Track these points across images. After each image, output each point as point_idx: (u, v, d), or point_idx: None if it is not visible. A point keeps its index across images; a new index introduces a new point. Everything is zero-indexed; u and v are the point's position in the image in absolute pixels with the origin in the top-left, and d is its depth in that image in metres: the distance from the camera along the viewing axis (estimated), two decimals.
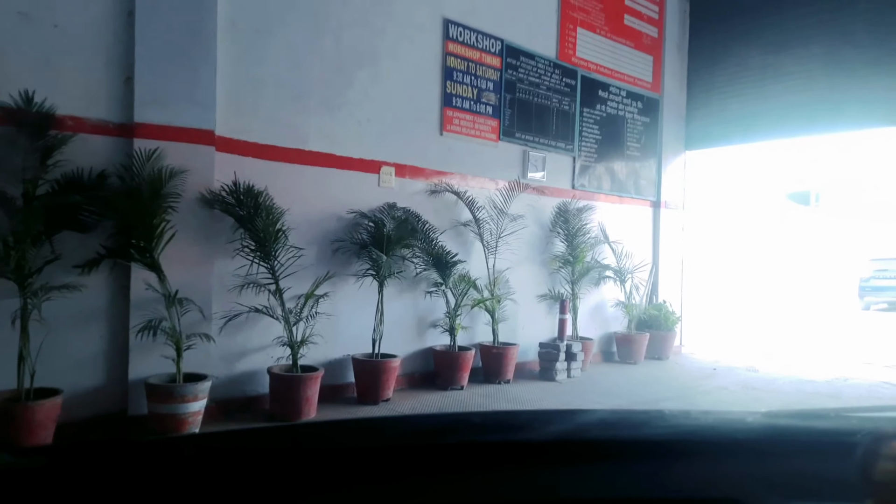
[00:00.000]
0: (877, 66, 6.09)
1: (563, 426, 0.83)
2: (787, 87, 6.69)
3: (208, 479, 0.63)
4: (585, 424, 0.84)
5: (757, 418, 0.83)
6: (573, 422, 0.86)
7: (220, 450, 0.73)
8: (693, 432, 0.81)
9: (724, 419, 0.90)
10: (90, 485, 0.60)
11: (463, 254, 5.45)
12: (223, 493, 0.62)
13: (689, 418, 0.90)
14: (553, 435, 0.77)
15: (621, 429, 0.82)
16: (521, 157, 5.99)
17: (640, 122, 7.15)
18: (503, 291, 5.73)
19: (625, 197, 7.10)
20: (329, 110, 4.67)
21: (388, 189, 4.98)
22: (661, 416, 0.89)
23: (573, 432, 0.79)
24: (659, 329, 6.94)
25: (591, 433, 0.79)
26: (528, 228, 5.99)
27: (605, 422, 0.87)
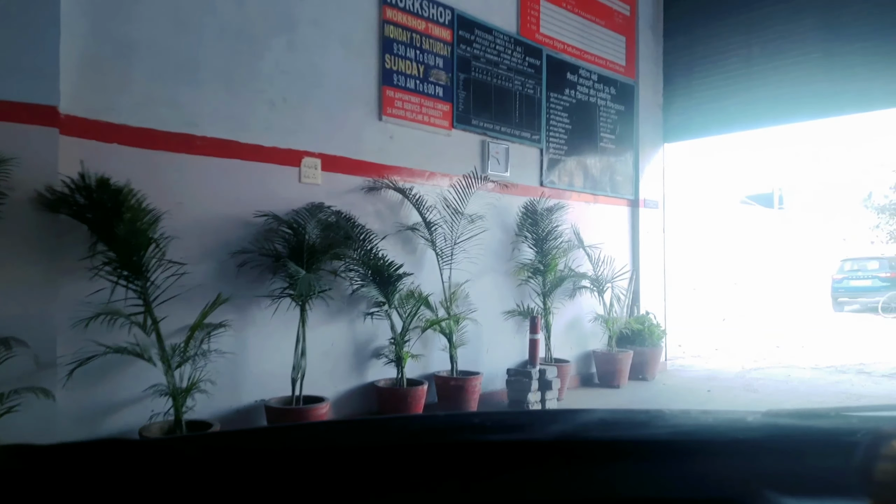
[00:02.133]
0: (874, 44, 5.36)
1: (563, 426, 0.82)
2: (776, 68, 5.92)
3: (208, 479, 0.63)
4: (585, 424, 0.82)
5: (757, 418, 0.79)
6: (573, 422, 0.85)
7: (220, 450, 0.73)
8: (693, 432, 0.79)
9: (724, 419, 0.86)
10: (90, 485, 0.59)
11: (411, 265, 4.46)
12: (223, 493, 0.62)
13: (689, 418, 0.86)
14: (553, 435, 0.77)
15: (621, 429, 0.81)
16: (480, 148, 5.04)
17: (613, 111, 6.30)
18: (462, 309, 4.76)
19: (599, 195, 6.22)
20: (230, 87, 3.64)
21: (311, 186, 3.96)
22: (661, 416, 0.85)
23: (573, 432, 0.78)
24: (643, 345, 6.05)
25: (591, 433, 0.78)
26: (490, 232, 5.04)
27: (605, 422, 0.83)
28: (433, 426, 0.88)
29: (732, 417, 0.86)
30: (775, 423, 0.81)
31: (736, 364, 7.84)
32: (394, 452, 0.69)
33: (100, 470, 0.61)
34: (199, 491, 0.61)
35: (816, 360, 8.22)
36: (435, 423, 0.95)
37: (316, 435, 0.83)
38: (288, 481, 0.63)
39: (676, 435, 0.77)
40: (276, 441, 0.76)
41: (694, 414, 0.87)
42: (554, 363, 5.24)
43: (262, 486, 0.62)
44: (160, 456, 0.67)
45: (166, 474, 0.63)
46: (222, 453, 0.70)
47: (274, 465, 0.64)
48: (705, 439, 0.75)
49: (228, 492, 0.62)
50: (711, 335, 11.03)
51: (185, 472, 0.63)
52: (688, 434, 0.78)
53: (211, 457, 0.68)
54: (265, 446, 0.74)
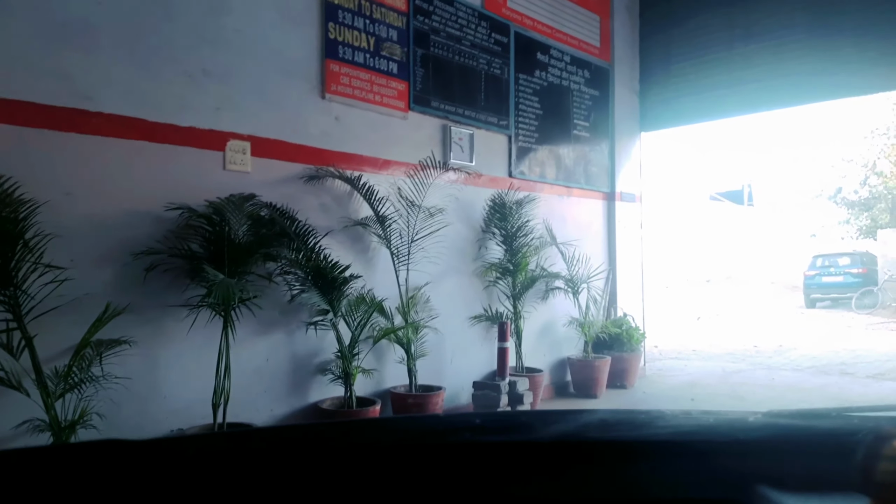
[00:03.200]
0: (864, 27, 4.98)
1: (564, 426, 0.82)
2: (761, 51, 5.50)
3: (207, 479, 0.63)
4: (585, 424, 0.83)
5: (758, 418, 0.80)
6: (573, 422, 0.85)
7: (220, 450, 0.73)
8: (693, 432, 0.80)
9: (724, 419, 0.87)
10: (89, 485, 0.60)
11: (362, 266, 3.90)
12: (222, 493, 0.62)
13: (689, 418, 0.87)
14: (553, 435, 0.77)
15: (621, 429, 0.82)
16: (441, 133, 4.50)
17: (587, 96, 5.81)
18: (422, 315, 4.21)
19: (573, 187, 5.73)
20: (135, 54, 3.02)
21: (239, 174, 3.37)
22: (662, 416, 0.86)
23: (573, 432, 0.79)
24: (621, 350, 5.58)
25: (591, 433, 0.79)
26: (453, 228, 4.49)
27: (605, 422, 0.85)
28: (433, 426, 0.88)
29: (733, 418, 0.85)
30: (775, 423, 0.80)
31: (716, 366, 7.49)
32: (394, 453, 0.69)
33: (99, 470, 0.61)
34: (198, 491, 0.61)
35: (796, 360, 7.93)
36: (435, 423, 0.98)
37: (316, 435, 0.82)
38: (287, 481, 0.63)
39: (677, 435, 0.77)
40: (275, 441, 0.77)
41: (694, 414, 0.85)
42: (525, 373, 4.73)
43: (262, 485, 0.62)
44: (160, 456, 0.68)
45: (166, 474, 0.63)
46: (221, 453, 0.71)
47: (273, 464, 0.64)
48: (705, 439, 0.75)
49: (228, 491, 0.62)
50: (687, 335, 10.71)
51: (185, 472, 0.63)
52: (688, 434, 0.78)
53: (210, 457, 0.69)
54: (264, 446, 0.74)
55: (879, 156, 16.39)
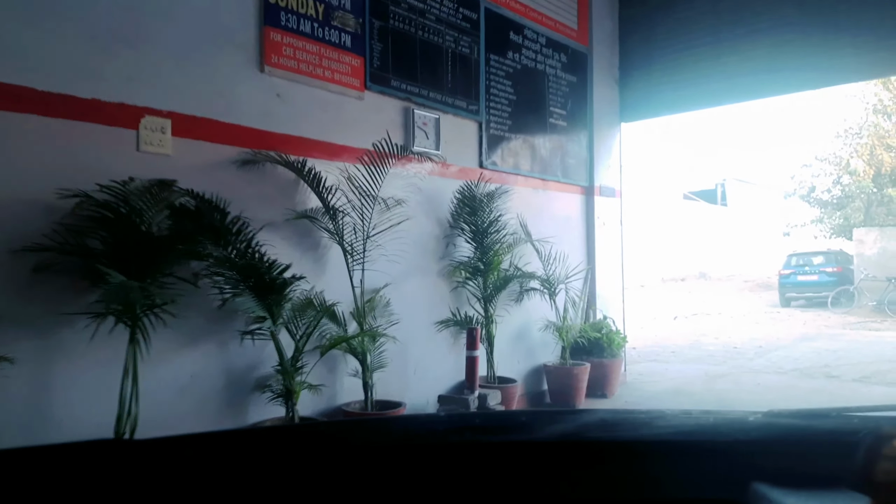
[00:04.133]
0: (857, 11, 4.64)
1: (564, 426, 0.82)
2: (749, 35, 5.13)
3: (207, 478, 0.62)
4: (585, 424, 0.83)
5: (758, 418, 0.79)
6: (573, 422, 0.85)
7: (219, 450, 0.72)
8: (693, 432, 0.79)
9: (724, 419, 0.86)
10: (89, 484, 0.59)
11: (310, 264, 3.41)
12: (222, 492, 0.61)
13: (689, 418, 0.86)
14: (553, 435, 0.76)
15: (621, 429, 0.81)
16: (403, 116, 4.02)
17: (564, 82, 5.39)
18: (381, 321, 3.72)
19: (550, 180, 5.30)
20: (24, 12, 2.48)
21: (157, 157, 2.84)
22: (662, 416, 0.86)
23: (573, 432, 0.78)
24: (601, 356, 5.17)
25: (591, 433, 0.78)
26: (416, 223, 4.02)
27: (605, 422, 0.85)
28: (434, 426, 0.87)
29: (733, 418, 0.84)
30: (776, 423, 0.79)
31: (698, 370, 7.18)
32: (394, 452, 0.69)
33: (99, 470, 0.61)
34: (198, 491, 0.61)
35: (778, 362, 7.65)
36: (435, 423, 0.99)
37: (316, 434, 0.85)
38: (287, 481, 0.62)
39: (677, 435, 0.76)
40: (276, 440, 0.76)
41: (695, 414, 0.85)
42: (497, 384, 4.28)
43: (262, 485, 0.61)
44: (159, 456, 0.67)
45: (165, 474, 0.62)
46: (221, 453, 0.70)
47: (273, 464, 0.63)
48: (706, 439, 0.74)
49: (228, 491, 0.61)
50: (665, 335, 10.42)
51: (184, 472, 0.63)
52: (688, 434, 0.77)
53: (210, 456, 0.69)
54: (264, 446, 0.73)
55: (852, 154, 16.38)
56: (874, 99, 16.37)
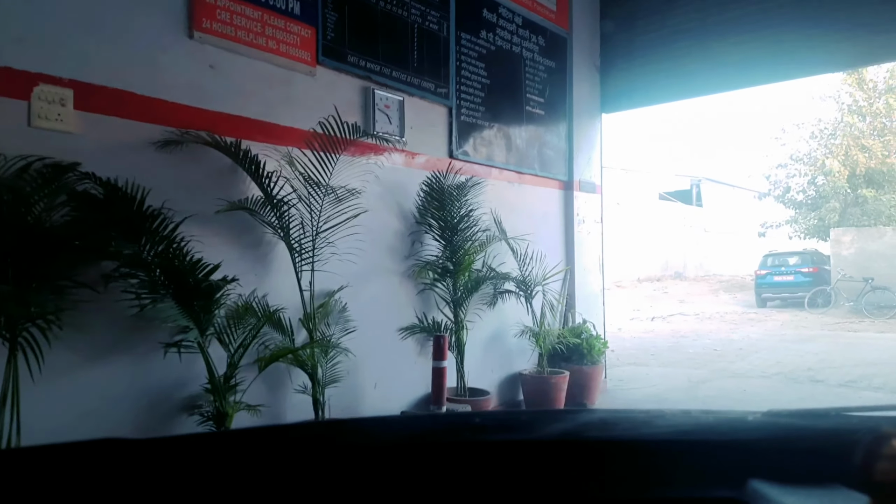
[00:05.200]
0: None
1: (563, 426, 0.82)
2: (740, 19, 4.79)
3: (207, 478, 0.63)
4: (585, 424, 0.83)
5: (757, 417, 0.79)
6: (573, 422, 0.85)
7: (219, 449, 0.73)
8: (693, 432, 0.79)
9: (724, 418, 0.86)
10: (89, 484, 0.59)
11: (249, 265, 2.94)
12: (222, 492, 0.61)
13: (689, 418, 0.86)
14: (553, 435, 0.76)
15: (621, 428, 0.81)
16: (362, 97, 3.57)
17: (542, 67, 4.99)
18: (335, 328, 3.27)
19: (526, 173, 4.90)
20: None
21: (55, 134, 2.35)
22: (662, 415, 0.86)
23: (573, 432, 0.78)
24: (581, 363, 4.78)
25: (591, 433, 0.78)
26: (378, 218, 3.58)
27: (605, 422, 0.85)
28: (434, 426, 0.87)
29: (732, 417, 0.85)
30: (776, 422, 0.79)
31: (679, 374, 6.88)
32: (394, 452, 0.68)
33: (99, 469, 0.61)
34: (198, 491, 0.61)
35: (761, 366, 7.39)
36: (435, 423, 0.97)
37: (316, 434, 0.82)
38: (287, 480, 0.62)
39: (677, 434, 0.77)
40: (276, 440, 0.76)
41: (694, 413, 0.84)
42: (468, 396, 3.86)
43: (262, 484, 0.61)
44: (159, 456, 0.67)
45: (166, 474, 0.62)
46: (220, 453, 0.70)
47: (273, 464, 0.64)
48: (705, 439, 0.74)
49: (228, 491, 0.61)
50: (643, 337, 10.15)
51: (185, 472, 0.63)
52: (688, 433, 0.77)
53: (209, 456, 0.68)
54: (265, 445, 0.73)
55: (827, 155, 16.36)
56: (849, 99, 16.39)
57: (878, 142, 15.76)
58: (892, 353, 8.16)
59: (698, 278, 23.69)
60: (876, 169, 15.65)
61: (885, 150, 15.64)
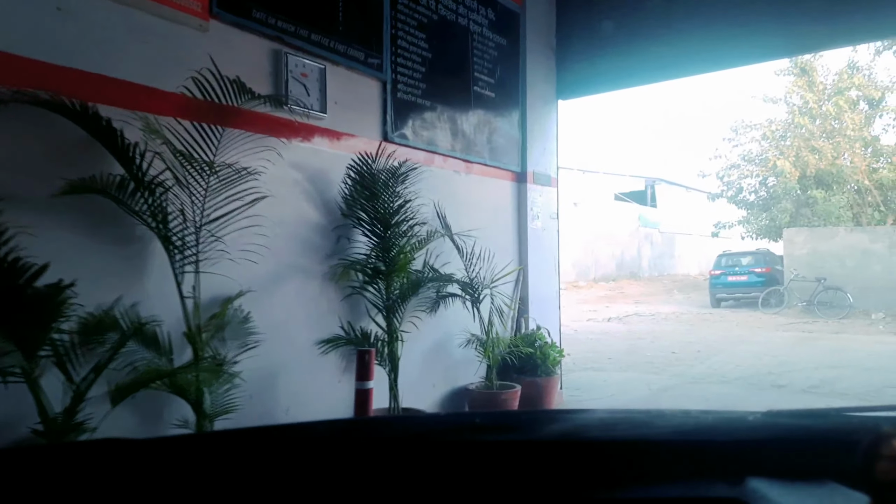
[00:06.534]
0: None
1: (563, 426, 0.81)
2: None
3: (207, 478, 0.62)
4: (585, 424, 0.82)
5: (757, 418, 0.79)
6: (573, 422, 0.85)
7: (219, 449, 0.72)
8: (693, 432, 0.78)
9: (724, 419, 0.86)
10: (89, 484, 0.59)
11: (112, 265, 2.30)
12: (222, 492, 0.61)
13: (689, 418, 0.86)
14: (553, 435, 0.76)
15: (621, 429, 0.80)
16: (271, 61, 2.95)
17: (492, 44, 4.46)
18: (233, 344, 2.65)
19: (474, 162, 4.36)
20: None
21: None
22: (661, 415, 0.87)
23: (573, 432, 0.78)
24: (535, 374, 4.28)
25: (591, 433, 0.78)
26: (291, 207, 2.99)
27: (605, 422, 0.84)
28: (433, 426, 0.86)
29: (732, 417, 0.84)
30: (775, 422, 0.78)
31: (638, 380, 6.52)
32: (394, 452, 0.68)
33: (99, 469, 0.60)
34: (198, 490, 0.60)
35: (720, 370, 7.10)
36: (435, 423, 0.96)
37: (315, 434, 0.81)
38: (287, 480, 0.61)
39: (676, 435, 0.76)
40: (276, 440, 0.75)
41: (694, 414, 0.85)
42: None
43: (262, 485, 0.61)
44: (159, 456, 0.66)
45: (165, 474, 0.61)
46: (221, 453, 0.69)
47: (273, 463, 0.63)
48: (705, 439, 0.74)
49: (227, 491, 0.61)
50: (599, 338, 9.80)
51: (184, 472, 0.62)
52: (688, 434, 0.77)
53: (209, 456, 0.67)
54: (264, 445, 0.72)
55: (778, 156, 16.46)
56: (800, 101, 16.53)
57: (827, 143, 15.93)
58: (850, 354, 8.01)
59: (653, 278, 23.77)
60: (826, 170, 15.81)
61: (835, 152, 15.82)
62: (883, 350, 8.36)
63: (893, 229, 13.45)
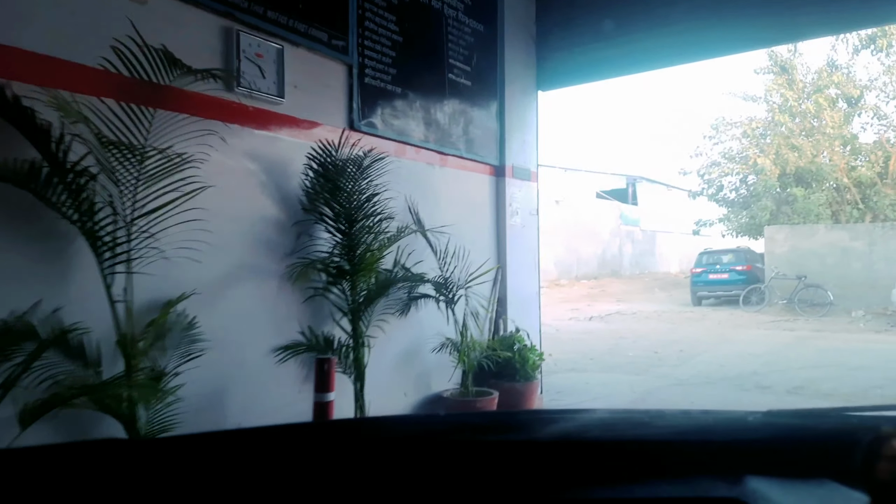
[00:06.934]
0: None
1: (563, 426, 0.81)
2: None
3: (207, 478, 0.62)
4: (585, 424, 0.82)
5: (757, 418, 0.78)
6: (573, 422, 0.84)
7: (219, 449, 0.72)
8: (693, 432, 0.79)
9: (724, 419, 0.86)
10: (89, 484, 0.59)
11: (29, 264, 2.01)
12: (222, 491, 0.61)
13: (689, 418, 0.86)
14: (553, 435, 0.76)
15: (621, 429, 0.81)
16: (223, 41, 2.67)
17: (469, 30, 4.21)
18: (176, 353, 2.37)
19: (449, 154, 4.11)
20: None
21: None
22: (661, 415, 0.86)
23: (573, 432, 0.77)
24: (514, 379, 4.05)
25: (591, 433, 0.78)
26: (245, 201, 2.71)
27: (604, 422, 0.84)
28: (433, 426, 0.85)
29: (732, 417, 0.84)
30: (775, 422, 0.78)
31: (621, 382, 6.35)
32: (394, 452, 0.68)
33: (99, 470, 0.60)
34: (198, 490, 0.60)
35: (704, 370, 6.95)
36: (435, 423, 0.96)
37: (316, 434, 0.81)
38: (286, 481, 0.61)
39: (676, 434, 0.76)
40: (275, 440, 0.75)
41: (694, 414, 0.85)
42: None
43: (262, 485, 0.60)
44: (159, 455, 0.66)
45: (165, 474, 0.61)
46: (221, 453, 0.69)
47: (272, 464, 0.63)
48: (705, 439, 0.74)
49: (227, 491, 0.60)
50: (581, 338, 9.62)
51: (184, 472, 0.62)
52: (688, 434, 0.77)
53: (210, 456, 0.67)
54: (264, 445, 0.72)
55: (759, 154, 16.46)
56: (780, 99, 16.54)
57: (807, 141, 15.96)
58: (833, 354, 7.92)
59: (634, 276, 23.73)
60: (805, 168, 15.83)
61: (815, 150, 15.84)
62: (865, 349, 8.29)
63: (873, 227, 13.47)
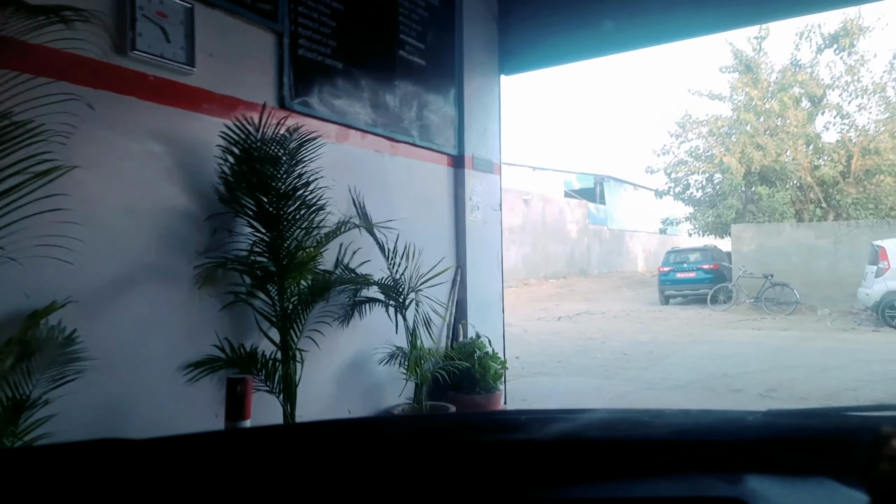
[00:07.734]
0: None
1: (563, 426, 0.80)
2: None
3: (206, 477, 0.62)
4: (585, 424, 0.81)
5: (757, 417, 0.77)
6: (573, 422, 0.83)
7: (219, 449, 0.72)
8: (692, 431, 0.78)
9: (724, 419, 0.85)
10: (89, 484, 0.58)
11: None
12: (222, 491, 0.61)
13: (689, 418, 0.84)
14: (553, 435, 0.75)
15: (621, 429, 0.80)
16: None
17: (423, 3, 3.79)
18: (49, 375, 1.89)
19: (401, 141, 3.68)
20: None
21: None
22: (661, 415, 0.84)
23: (573, 432, 0.77)
24: (473, 391, 3.64)
25: (591, 433, 0.77)
26: (145, 189, 2.23)
27: (605, 422, 0.83)
28: (434, 426, 0.86)
29: (732, 417, 0.85)
30: (775, 422, 0.79)
31: (590, 386, 6.06)
32: (393, 452, 0.68)
33: (99, 470, 0.60)
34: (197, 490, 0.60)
35: (674, 373, 6.69)
36: (435, 423, 0.97)
37: (316, 435, 0.81)
38: (286, 481, 0.61)
39: (676, 434, 0.77)
40: (276, 440, 0.75)
41: (694, 414, 0.85)
42: None
43: (261, 485, 0.60)
44: (159, 456, 0.67)
45: (165, 474, 0.61)
46: (221, 453, 0.69)
47: (272, 464, 0.63)
48: (705, 439, 0.74)
49: (227, 491, 0.61)
50: (550, 339, 9.31)
51: (184, 472, 0.62)
52: (687, 433, 0.77)
53: (209, 456, 0.68)
54: (264, 446, 0.72)
55: (724, 153, 16.46)
56: (744, 97, 16.56)
57: (771, 140, 16.00)
58: (802, 354, 7.76)
59: (602, 275, 23.67)
60: (770, 167, 15.86)
61: (779, 149, 15.89)
62: (834, 348, 8.17)
63: (838, 225, 13.52)
